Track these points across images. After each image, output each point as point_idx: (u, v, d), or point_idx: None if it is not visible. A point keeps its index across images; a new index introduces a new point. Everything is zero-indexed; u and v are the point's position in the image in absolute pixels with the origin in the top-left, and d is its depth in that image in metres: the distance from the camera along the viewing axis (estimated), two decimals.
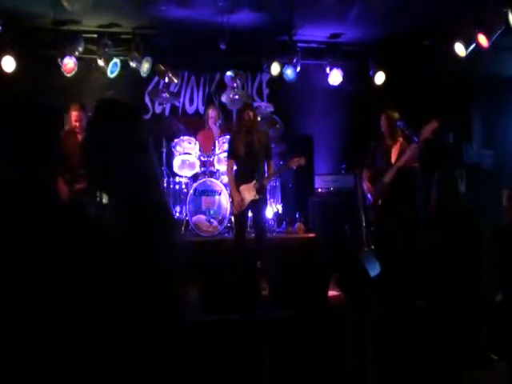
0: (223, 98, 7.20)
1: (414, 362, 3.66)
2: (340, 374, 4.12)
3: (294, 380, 4.02)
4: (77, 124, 5.60)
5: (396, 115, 5.70)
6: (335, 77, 7.60)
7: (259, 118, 6.50)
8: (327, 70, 7.62)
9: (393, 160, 5.69)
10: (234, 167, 5.67)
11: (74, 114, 5.68)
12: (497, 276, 3.60)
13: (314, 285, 4.37)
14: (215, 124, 7.04)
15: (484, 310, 3.71)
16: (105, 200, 1.67)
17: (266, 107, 7.29)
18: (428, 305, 3.67)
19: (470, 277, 3.63)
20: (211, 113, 7.08)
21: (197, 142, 6.87)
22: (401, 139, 5.74)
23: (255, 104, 6.99)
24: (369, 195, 5.77)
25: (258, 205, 5.48)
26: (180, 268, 1.74)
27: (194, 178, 6.85)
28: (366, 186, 5.80)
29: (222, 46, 6.66)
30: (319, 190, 7.25)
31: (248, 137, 5.45)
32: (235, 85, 7.13)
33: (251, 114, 5.47)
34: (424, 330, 3.60)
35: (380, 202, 5.65)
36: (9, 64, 6.58)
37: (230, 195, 5.79)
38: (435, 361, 3.54)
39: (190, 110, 7.90)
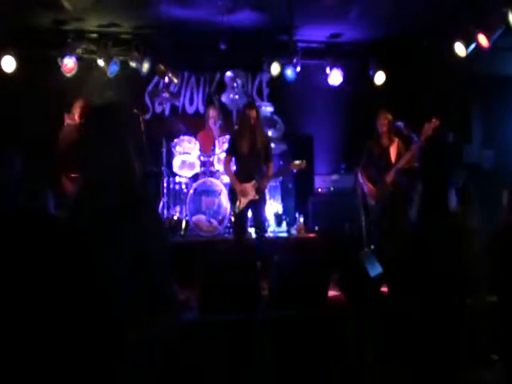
0: (223, 98, 7.20)
1: (413, 361, 3.66)
2: (340, 374, 4.12)
3: (293, 380, 4.02)
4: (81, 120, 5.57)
5: (391, 116, 5.75)
6: (335, 77, 7.61)
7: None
8: (327, 69, 7.62)
9: (392, 160, 5.69)
10: (234, 166, 5.66)
11: (79, 111, 5.66)
12: (496, 276, 3.60)
13: (314, 285, 4.36)
14: (215, 124, 7.04)
15: (484, 310, 3.72)
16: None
17: (266, 107, 7.29)
18: (428, 306, 3.67)
19: (470, 277, 3.63)
20: (211, 113, 7.08)
21: (197, 142, 6.87)
22: (396, 139, 5.75)
23: None
24: (370, 197, 5.76)
25: (258, 205, 5.47)
26: (168, 251, 1.88)
27: (194, 178, 6.85)
28: (367, 187, 5.79)
29: (222, 46, 6.66)
30: (319, 190, 7.25)
31: (251, 136, 5.43)
32: (235, 85, 7.13)
33: (255, 112, 5.46)
34: (424, 330, 3.60)
35: (383, 203, 5.65)
36: (9, 64, 6.58)
37: (230, 193, 5.77)
38: (435, 361, 3.54)
39: (190, 109, 7.90)
